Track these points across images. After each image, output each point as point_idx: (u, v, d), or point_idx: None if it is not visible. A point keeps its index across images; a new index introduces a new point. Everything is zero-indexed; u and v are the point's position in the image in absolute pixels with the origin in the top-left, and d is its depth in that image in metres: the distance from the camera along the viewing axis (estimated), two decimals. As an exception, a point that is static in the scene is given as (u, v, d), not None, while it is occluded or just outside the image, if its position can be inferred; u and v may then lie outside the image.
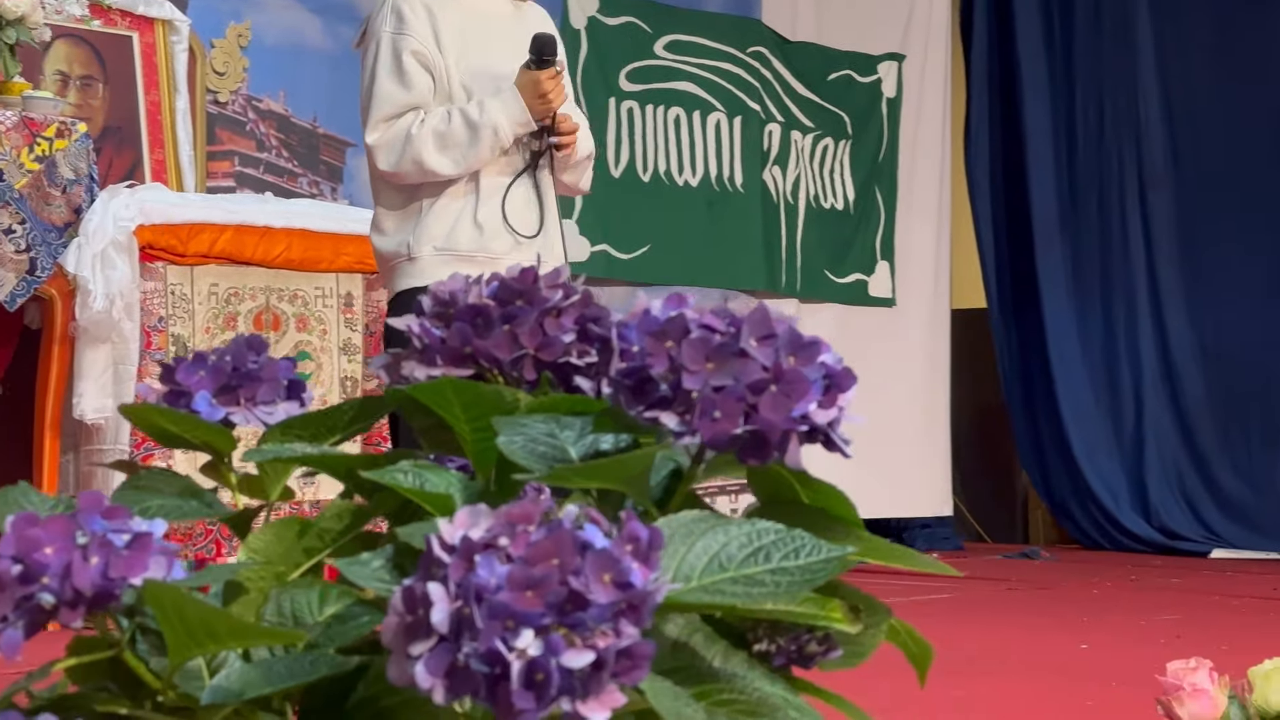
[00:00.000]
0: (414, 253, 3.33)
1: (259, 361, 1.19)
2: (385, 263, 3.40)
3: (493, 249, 3.35)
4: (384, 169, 3.34)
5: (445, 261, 3.32)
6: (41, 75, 4.83)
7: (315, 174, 5.74)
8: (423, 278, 3.30)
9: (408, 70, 3.33)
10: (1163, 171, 7.51)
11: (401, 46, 3.34)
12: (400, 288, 3.34)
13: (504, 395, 1.10)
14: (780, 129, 7.05)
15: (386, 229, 3.40)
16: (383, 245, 3.39)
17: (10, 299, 4.14)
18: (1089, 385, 7.63)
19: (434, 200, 3.35)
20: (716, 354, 0.99)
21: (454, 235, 3.34)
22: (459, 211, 3.35)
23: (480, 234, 3.35)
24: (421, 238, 3.33)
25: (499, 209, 3.36)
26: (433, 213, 3.34)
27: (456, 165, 3.30)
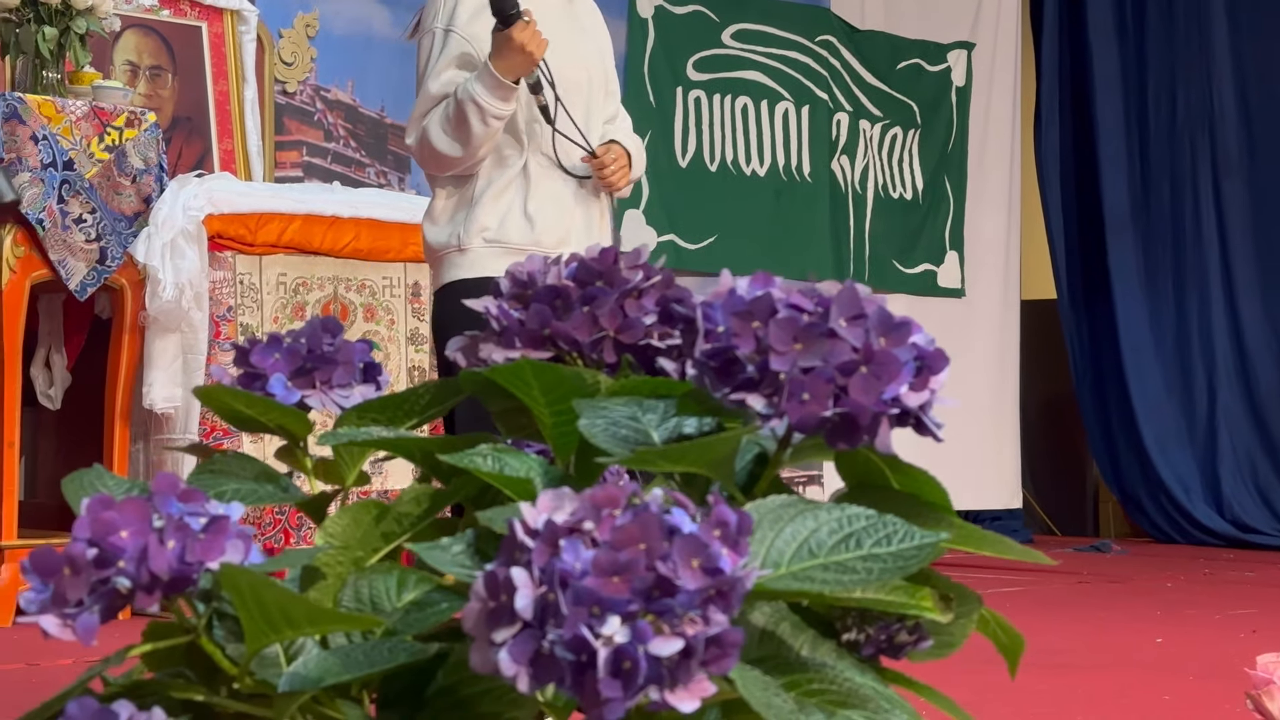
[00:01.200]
0: (464, 244, 3.30)
1: (334, 344, 1.17)
2: (434, 253, 3.38)
3: (544, 242, 3.33)
4: (421, 165, 3.37)
5: (496, 254, 3.29)
6: (111, 65, 4.85)
7: (383, 164, 5.74)
8: (472, 269, 3.28)
9: (449, 72, 3.30)
10: (1236, 161, 7.41)
11: (450, 46, 3.32)
12: (449, 279, 3.32)
13: (584, 378, 1.07)
14: (848, 118, 7.00)
15: (439, 218, 3.38)
16: (433, 236, 3.37)
17: (81, 288, 4.15)
18: (1160, 376, 7.55)
19: (486, 190, 3.33)
20: (805, 334, 0.96)
21: (504, 227, 3.31)
22: (509, 203, 3.33)
23: (531, 227, 3.32)
24: (472, 229, 3.31)
25: (547, 201, 3.34)
26: (483, 204, 3.32)
27: (461, 144, 3.27)
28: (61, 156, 4.09)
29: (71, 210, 4.11)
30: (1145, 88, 7.64)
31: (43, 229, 4.06)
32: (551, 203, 3.34)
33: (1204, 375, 7.44)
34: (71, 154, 4.11)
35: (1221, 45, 7.43)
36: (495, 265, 3.25)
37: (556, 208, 3.35)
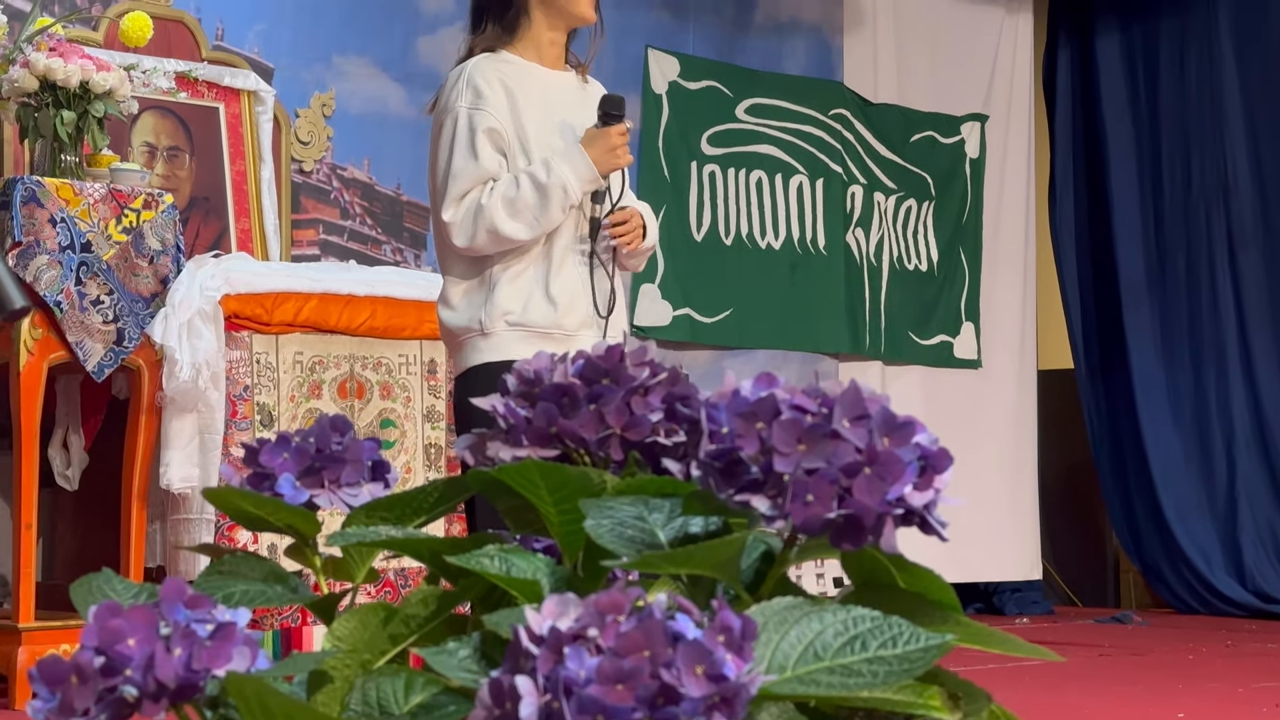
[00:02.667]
0: (487, 328, 3.29)
1: (343, 443, 1.18)
2: (455, 338, 3.37)
3: (566, 324, 3.32)
4: (461, 244, 3.30)
5: (519, 337, 3.29)
6: (129, 147, 4.89)
7: (399, 241, 5.76)
8: (496, 353, 3.27)
9: (482, 147, 3.31)
10: (1251, 230, 7.41)
11: (478, 123, 3.32)
12: (472, 363, 3.31)
13: (591, 477, 1.08)
14: (863, 191, 7.02)
15: (456, 303, 3.36)
16: (452, 320, 3.36)
17: (98, 369, 4.17)
18: (1179, 446, 7.53)
19: (504, 271, 3.32)
20: (809, 435, 0.97)
21: (528, 310, 3.31)
22: (531, 284, 3.32)
23: (554, 309, 3.32)
24: (494, 312, 3.30)
25: (570, 282, 3.33)
26: (503, 286, 3.31)
27: (530, 229, 3.28)
28: (79, 239, 4.12)
29: (89, 292, 4.13)
30: (1159, 158, 7.66)
31: (60, 311, 4.08)
32: (573, 285, 3.34)
33: (1223, 444, 7.42)
34: (89, 236, 4.14)
35: (1234, 115, 7.45)
36: (519, 349, 3.25)
37: (578, 290, 3.35)
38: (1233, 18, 7.47)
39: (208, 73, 5.07)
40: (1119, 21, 7.80)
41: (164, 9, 5.05)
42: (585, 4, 3.45)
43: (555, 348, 3.25)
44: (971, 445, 7.08)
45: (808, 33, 6.95)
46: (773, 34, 6.84)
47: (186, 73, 4.96)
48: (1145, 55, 7.73)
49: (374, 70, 5.67)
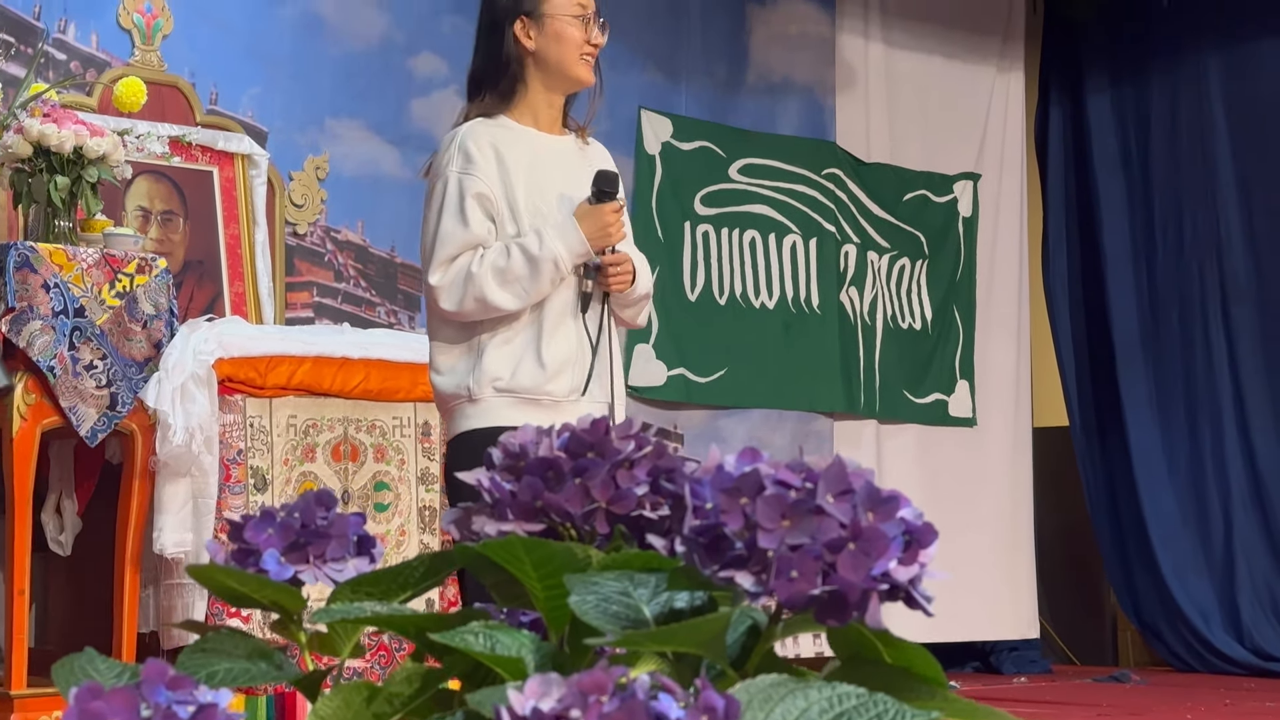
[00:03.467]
0: (475, 394, 3.29)
1: (328, 518, 1.18)
2: (445, 403, 3.37)
3: (554, 391, 3.32)
4: (448, 309, 3.30)
5: (508, 403, 3.29)
6: (123, 211, 4.90)
7: (393, 303, 5.77)
8: (484, 419, 3.27)
9: (471, 212, 3.32)
10: (1245, 286, 7.43)
11: (467, 187, 3.33)
12: (461, 429, 3.31)
13: (575, 552, 1.07)
14: (856, 250, 7.04)
15: (444, 368, 3.37)
16: (442, 385, 3.36)
17: (91, 434, 4.16)
18: (1176, 503, 7.52)
19: (493, 336, 3.32)
20: (792, 511, 0.97)
21: (516, 375, 3.31)
22: (521, 349, 3.32)
23: (543, 374, 3.32)
24: (482, 378, 3.30)
25: (562, 348, 3.34)
26: (492, 351, 3.31)
27: (519, 299, 3.28)
28: (73, 304, 4.12)
29: (82, 357, 4.13)
30: (1151, 215, 7.69)
31: (54, 376, 4.08)
32: (565, 352, 3.34)
33: (1219, 502, 7.41)
34: (83, 301, 4.14)
35: (1225, 172, 7.48)
36: (508, 414, 3.25)
37: (570, 357, 3.35)
38: (1222, 75, 7.51)
39: (201, 137, 5.09)
40: (1110, 80, 7.84)
41: (158, 74, 5.07)
42: (582, 67, 3.47)
43: (544, 414, 3.28)
44: (967, 504, 7.09)
45: (800, 93, 6.98)
46: (765, 94, 6.87)
47: (180, 137, 4.98)
48: (1136, 113, 7.76)
49: (367, 133, 5.69)
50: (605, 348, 3.41)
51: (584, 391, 3.37)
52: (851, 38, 7.12)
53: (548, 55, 3.46)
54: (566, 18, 3.46)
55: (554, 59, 3.45)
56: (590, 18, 3.49)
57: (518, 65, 3.46)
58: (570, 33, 3.45)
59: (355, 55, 5.67)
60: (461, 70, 5.79)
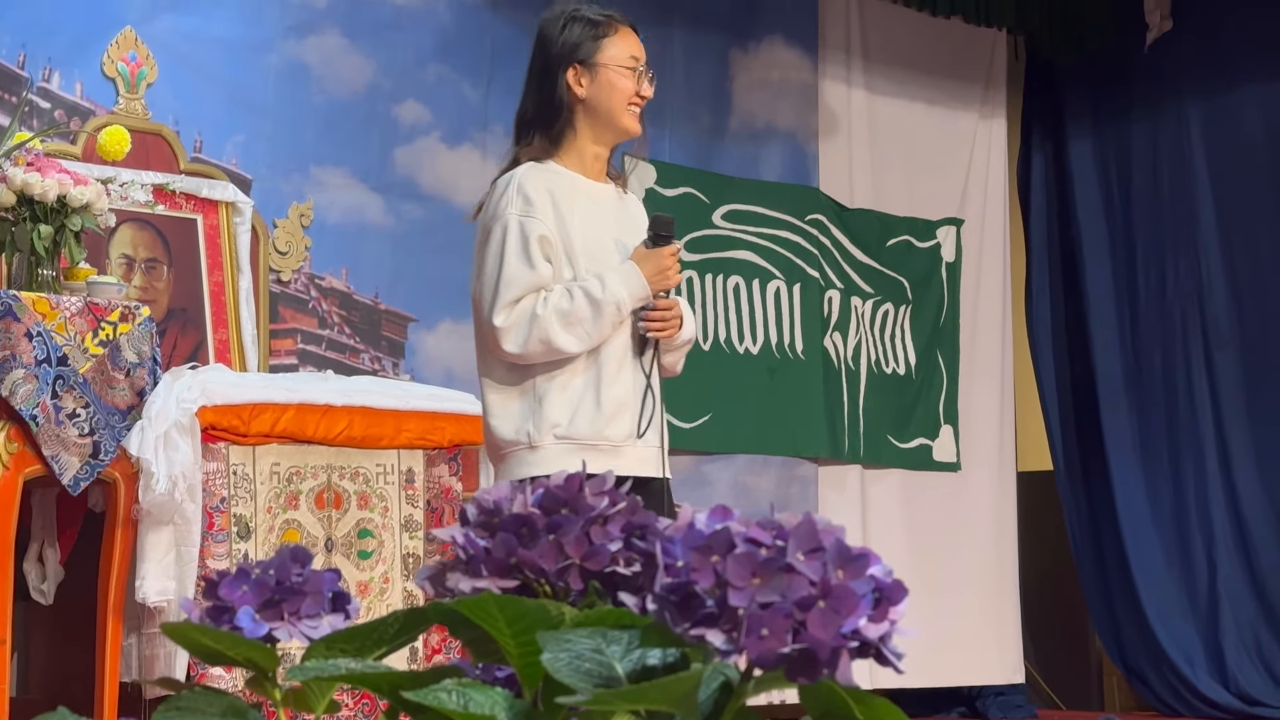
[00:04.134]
0: (535, 441, 3.33)
1: (303, 574, 1.18)
2: (500, 449, 3.39)
3: (612, 436, 3.37)
4: (511, 351, 3.34)
5: (566, 450, 3.33)
6: (107, 259, 4.90)
7: (377, 349, 5.77)
8: (544, 466, 3.29)
9: (534, 254, 3.37)
10: (1227, 332, 7.45)
11: (530, 230, 3.38)
12: (518, 476, 3.33)
13: (549, 609, 1.08)
14: (840, 295, 7.06)
15: (501, 413, 3.40)
16: (500, 430, 3.38)
17: (74, 483, 4.16)
18: (1160, 548, 7.53)
19: (550, 381, 3.37)
20: (763, 569, 0.97)
21: (575, 421, 3.35)
22: (579, 395, 3.37)
23: (602, 419, 3.36)
24: (542, 424, 3.34)
25: (620, 393, 3.38)
26: (552, 396, 3.36)
27: (582, 342, 3.34)
28: (55, 352, 4.12)
29: (65, 405, 4.13)
30: (1134, 260, 7.72)
31: (36, 425, 4.08)
32: (622, 396, 3.39)
33: (1203, 547, 7.42)
34: (65, 350, 4.14)
35: (1207, 217, 7.51)
36: (566, 461, 3.28)
37: (626, 401, 3.39)
38: (1203, 121, 7.55)
39: (185, 184, 5.10)
40: (1092, 126, 7.88)
41: (142, 122, 5.08)
42: (630, 118, 3.53)
43: (602, 459, 3.31)
44: (952, 548, 7.09)
45: (783, 139, 7.01)
46: (748, 141, 6.90)
47: (164, 185, 4.99)
48: (1118, 159, 7.81)
49: (351, 180, 5.70)
50: (652, 391, 3.46)
51: (640, 435, 3.41)
52: (834, 84, 7.16)
53: (598, 104, 3.52)
54: (619, 68, 3.53)
55: (604, 108, 3.52)
56: (641, 70, 3.55)
57: (568, 112, 3.52)
58: (622, 83, 3.52)
59: (340, 103, 5.69)
60: (444, 118, 5.87)
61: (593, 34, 3.56)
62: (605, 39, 3.56)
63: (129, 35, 5.13)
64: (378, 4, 5.79)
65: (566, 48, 3.56)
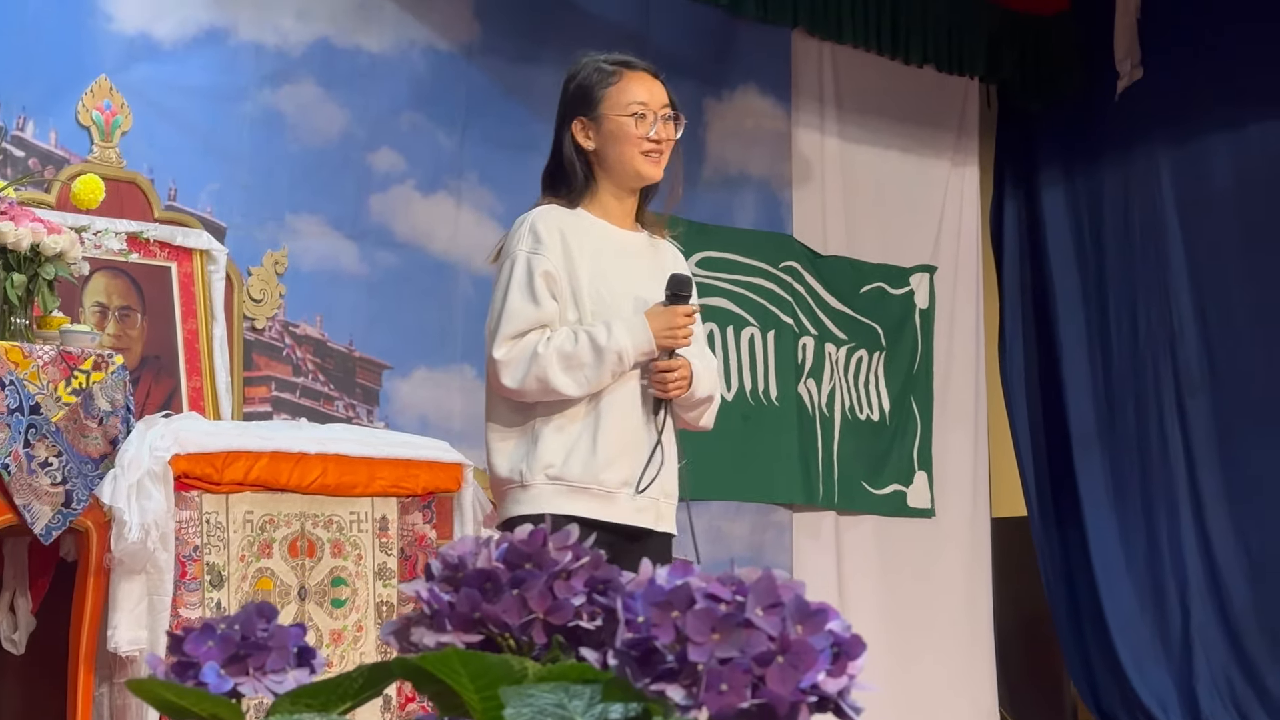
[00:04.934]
0: (526, 479, 3.33)
1: (269, 629, 1.19)
2: (497, 486, 3.40)
3: (607, 481, 3.35)
4: (508, 385, 3.32)
5: (557, 491, 3.32)
6: (80, 307, 4.90)
7: (351, 397, 5.77)
8: (534, 506, 3.30)
9: (539, 290, 3.36)
10: (1198, 378, 7.49)
11: (535, 266, 3.37)
12: (510, 514, 3.34)
13: (511, 665, 1.09)
14: (814, 342, 7.08)
15: (499, 451, 3.40)
16: (497, 468, 3.39)
17: (46, 532, 4.15)
18: (1134, 594, 7.54)
19: (548, 423, 3.36)
20: (722, 625, 0.98)
21: (569, 463, 3.34)
22: (575, 438, 3.36)
23: (595, 464, 3.35)
24: (535, 464, 3.33)
25: (619, 438, 3.37)
26: (547, 437, 3.35)
27: (580, 387, 3.32)
28: (28, 401, 4.12)
29: (37, 454, 4.12)
30: (1106, 307, 7.76)
31: (8, 474, 4.07)
32: (621, 442, 3.37)
33: (1176, 592, 7.44)
34: (38, 398, 4.14)
35: (1178, 265, 7.56)
36: (557, 502, 3.28)
37: (625, 448, 3.37)
38: (1174, 168, 7.61)
39: (160, 233, 5.11)
40: (1063, 174, 7.94)
41: (117, 170, 5.09)
42: (645, 163, 3.50)
43: (594, 504, 3.31)
44: (927, 594, 7.10)
45: (757, 186, 7.04)
46: (722, 188, 6.93)
47: (138, 233, 4.99)
48: (1090, 206, 7.86)
49: (326, 228, 5.72)
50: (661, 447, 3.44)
51: (640, 489, 3.38)
52: (807, 132, 7.20)
53: (607, 154, 3.51)
54: (621, 116, 3.49)
55: (613, 158, 3.50)
56: (651, 113, 3.51)
57: (583, 165, 3.51)
58: (626, 130, 3.49)
59: (314, 151, 5.70)
60: (418, 166, 5.90)
61: (599, 83, 3.54)
62: (610, 87, 3.55)
63: (104, 84, 5.14)
64: (353, 53, 5.81)
65: (572, 101, 3.56)
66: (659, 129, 3.54)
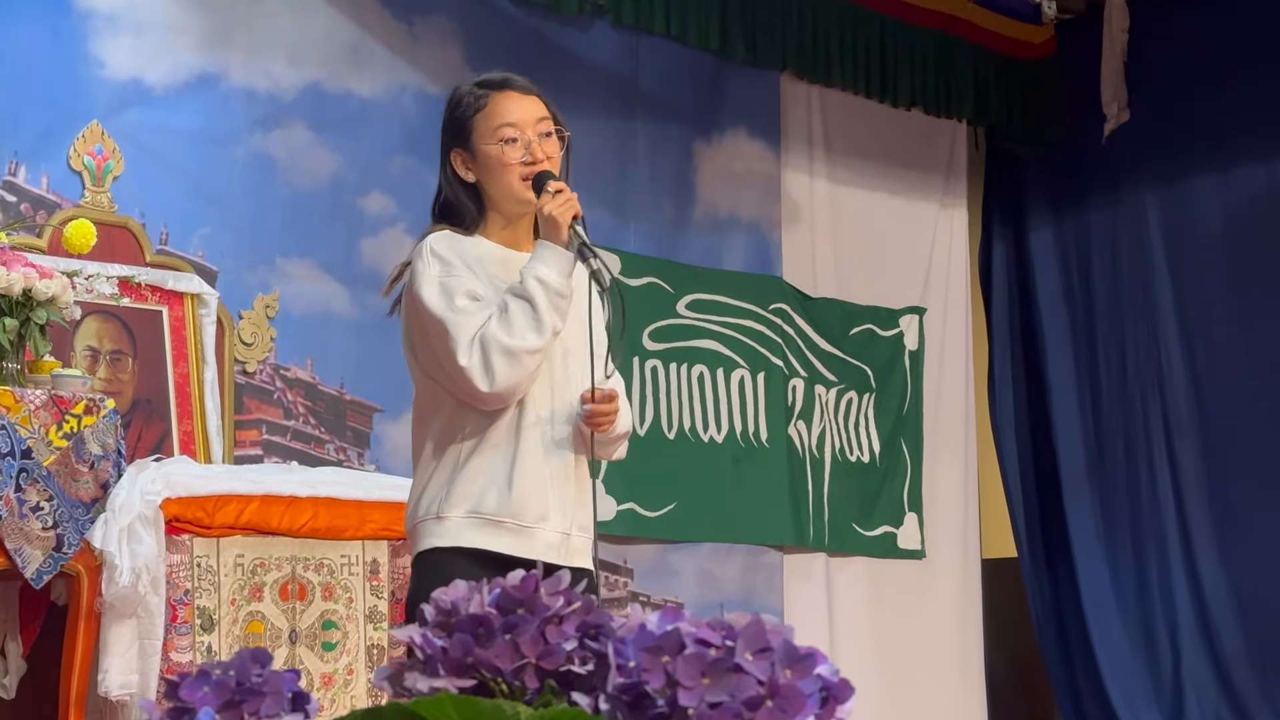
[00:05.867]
0: (442, 513, 3.29)
1: (263, 675, 1.20)
2: (412, 522, 3.37)
3: (525, 516, 3.31)
4: (483, 389, 3.21)
5: (472, 524, 3.28)
6: (72, 351, 4.91)
7: (342, 440, 5.78)
8: (446, 538, 3.27)
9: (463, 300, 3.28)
10: (1187, 419, 7.52)
11: (454, 287, 3.29)
12: (423, 547, 3.31)
13: (504, 709, 1.10)
14: (804, 384, 7.10)
15: (419, 485, 3.37)
16: (416, 502, 3.36)
17: (37, 576, 4.15)
18: (1124, 634, 7.55)
19: (467, 457, 3.31)
20: (712, 669, 1.00)
21: (484, 497, 3.29)
22: (493, 473, 3.30)
23: (511, 499, 3.30)
24: (452, 498, 3.30)
25: (535, 474, 3.32)
26: (466, 473, 3.30)
27: (538, 332, 3.21)
28: (19, 445, 4.12)
29: (29, 498, 4.13)
30: (1095, 348, 7.79)
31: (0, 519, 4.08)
32: (536, 476, 3.32)
33: (1167, 633, 7.44)
34: (30, 442, 4.14)
35: (1166, 305, 7.59)
36: (472, 536, 3.25)
37: (541, 482, 3.33)
38: (1161, 210, 7.66)
39: (151, 277, 5.12)
40: (1051, 215, 7.98)
41: (108, 215, 5.11)
42: (522, 186, 3.37)
43: (509, 539, 3.28)
44: (918, 635, 7.10)
45: (746, 229, 7.06)
46: (712, 230, 6.96)
47: (130, 278, 5.01)
48: (1078, 248, 7.90)
49: (317, 272, 5.73)
50: (579, 479, 3.41)
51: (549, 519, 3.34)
52: (796, 174, 7.23)
53: (486, 185, 3.40)
54: (492, 146, 3.39)
55: (492, 187, 3.40)
56: (524, 133, 3.38)
57: (469, 197, 3.43)
58: (500, 158, 3.38)
59: (305, 195, 5.72)
60: (409, 209, 5.92)
61: (467, 110, 3.41)
62: (479, 114, 3.39)
63: (95, 129, 5.17)
64: (343, 97, 5.84)
65: (447, 133, 3.43)
66: (534, 149, 3.36)
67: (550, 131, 3.44)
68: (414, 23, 6.06)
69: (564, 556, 3.33)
